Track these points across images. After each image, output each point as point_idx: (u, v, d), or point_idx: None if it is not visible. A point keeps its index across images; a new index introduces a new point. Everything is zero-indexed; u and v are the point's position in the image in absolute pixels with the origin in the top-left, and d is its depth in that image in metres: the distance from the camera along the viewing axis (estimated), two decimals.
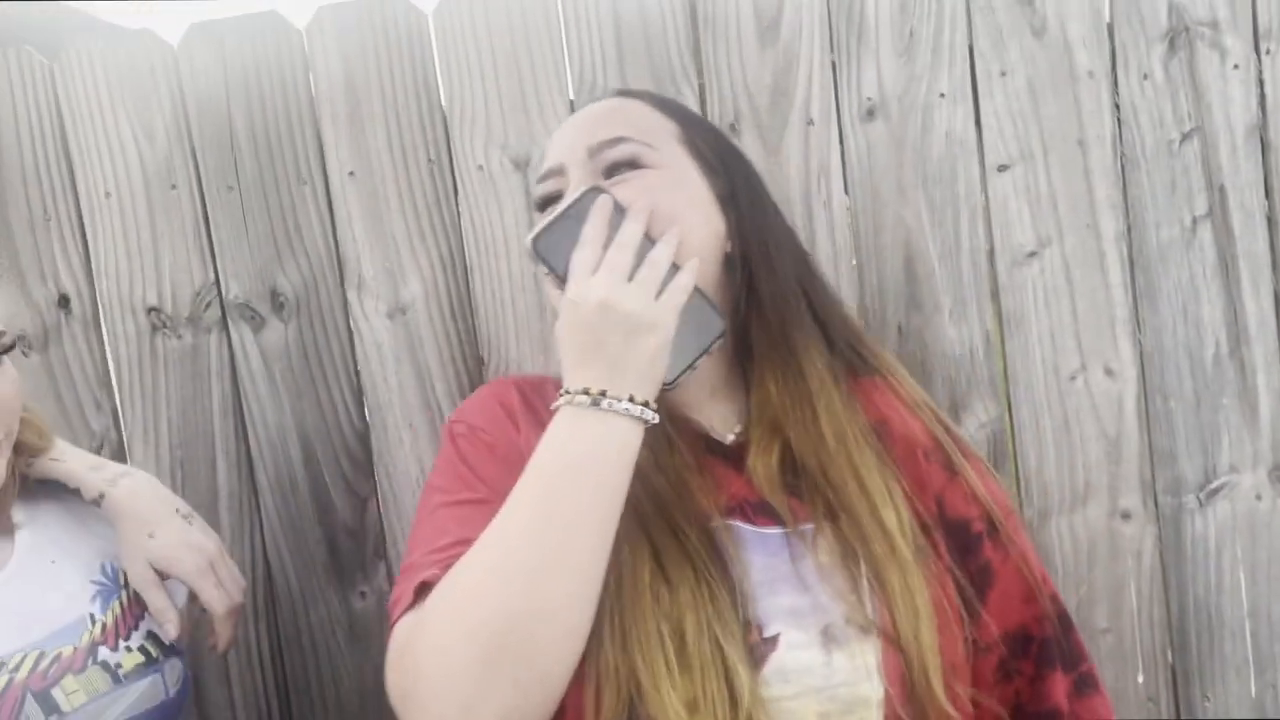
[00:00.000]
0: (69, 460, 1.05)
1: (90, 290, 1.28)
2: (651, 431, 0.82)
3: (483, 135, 1.24)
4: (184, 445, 1.29)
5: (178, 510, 1.04)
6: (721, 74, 1.22)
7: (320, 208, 1.26)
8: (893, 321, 1.24)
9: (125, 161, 1.26)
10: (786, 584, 0.81)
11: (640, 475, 0.82)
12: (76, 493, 1.03)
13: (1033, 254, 1.22)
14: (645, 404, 0.78)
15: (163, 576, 1.00)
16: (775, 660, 0.77)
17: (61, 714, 0.88)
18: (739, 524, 0.84)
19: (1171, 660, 1.25)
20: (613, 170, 0.88)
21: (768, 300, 0.89)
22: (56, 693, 0.88)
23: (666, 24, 1.22)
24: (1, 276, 1.27)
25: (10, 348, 0.94)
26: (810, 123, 1.22)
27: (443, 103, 1.24)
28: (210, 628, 1.05)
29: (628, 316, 0.76)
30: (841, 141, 1.22)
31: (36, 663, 0.89)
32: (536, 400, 0.94)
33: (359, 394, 1.28)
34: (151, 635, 0.99)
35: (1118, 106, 1.21)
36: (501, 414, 0.93)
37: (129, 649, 0.95)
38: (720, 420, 0.92)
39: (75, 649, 0.92)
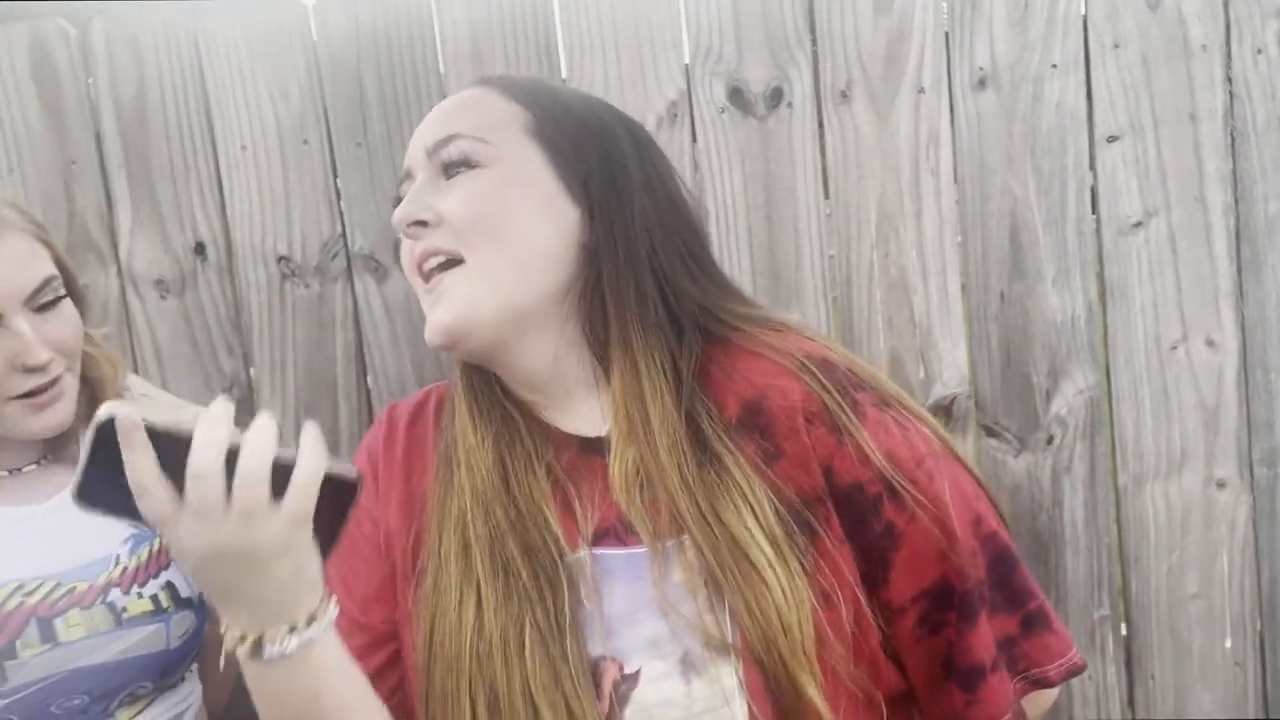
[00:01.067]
0: (156, 399, 1.12)
1: (225, 239, 1.35)
2: (509, 450, 0.81)
3: (599, 97, 1.28)
4: (308, 389, 1.36)
5: None
6: (835, 41, 1.25)
7: None
8: (995, 288, 1.26)
9: (261, 118, 1.32)
10: (648, 611, 0.77)
11: (483, 508, 0.80)
12: None
13: (1139, 224, 1.24)
14: (312, 618, 0.67)
15: None
16: (637, 698, 0.74)
17: (57, 643, 0.92)
18: (607, 551, 0.80)
19: (1260, 627, 1.27)
20: (448, 170, 0.83)
21: (610, 291, 0.82)
22: (59, 623, 0.93)
23: None
24: (143, 224, 1.35)
25: (62, 297, 0.98)
26: (921, 91, 1.24)
27: (563, 69, 1.29)
28: None
29: (241, 558, 0.63)
30: (951, 110, 1.25)
31: (50, 592, 0.94)
32: (404, 433, 0.91)
33: None
34: (169, 586, 1.02)
35: (1230, 80, 1.22)
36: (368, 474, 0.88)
37: (139, 595, 0.98)
38: (588, 418, 0.85)
39: (90, 586, 0.96)
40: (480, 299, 0.80)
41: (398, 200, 0.87)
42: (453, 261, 0.81)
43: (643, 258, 0.83)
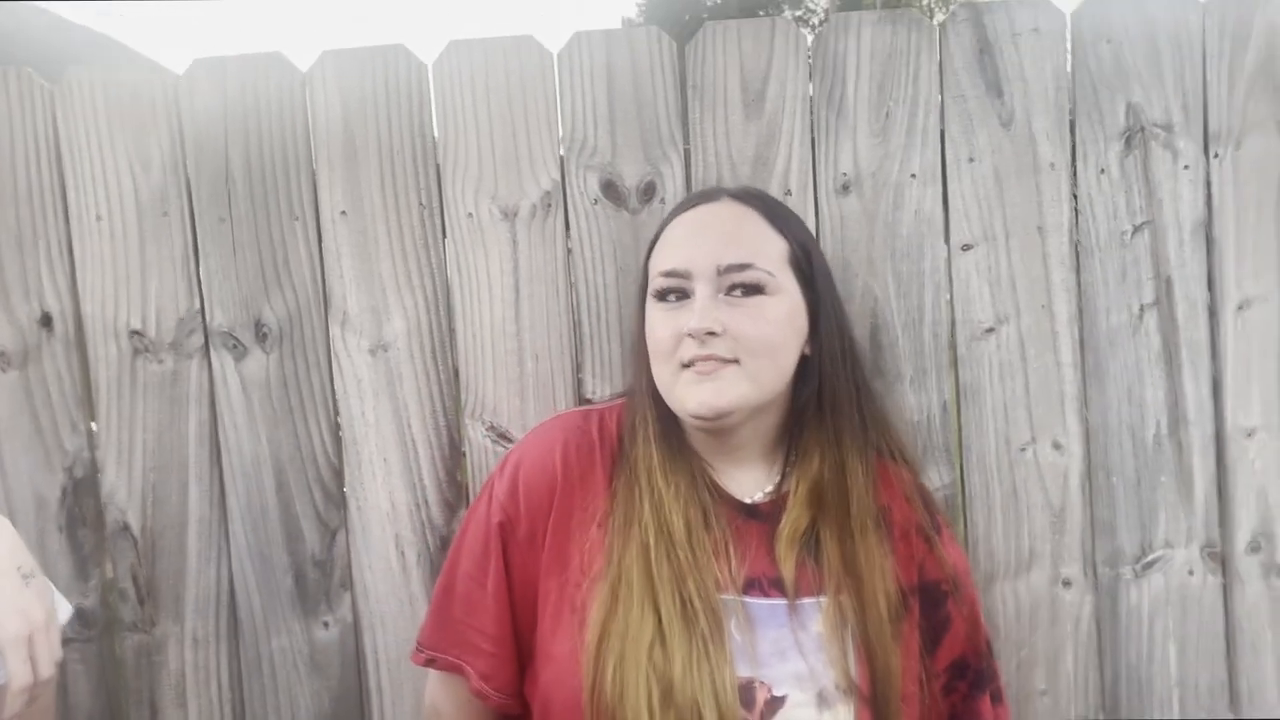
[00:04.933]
0: None
1: (74, 310, 1.29)
2: (690, 502, 1.01)
3: (474, 184, 1.28)
4: (157, 469, 1.30)
5: (19, 568, 0.98)
6: (707, 141, 1.28)
7: (310, 244, 1.29)
8: None
9: (119, 187, 1.28)
10: (792, 651, 0.98)
11: (668, 544, 0.99)
12: None
13: (990, 330, 1.29)
14: None
15: None
16: (782, 715, 0.95)
17: None
18: (754, 600, 1.00)
19: None
20: (734, 288, 1.01)
21: (828, 397, 1.05)
22: None
23: (657, 90, 1.27)
24: None
25: None
26: (788, 193, 1.28)
27: (437, 150, 1.28)
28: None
29: None
30: (817, 213, 1.28)
31: None
32: (575, 460, 1.08)
33: (335, 427, 1.30)
34: None
35: (1076, 197, 1.28)
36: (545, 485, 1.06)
37: None
38: (749, 484, 1.07)
39: None
40: (748, 394, 0.99)
41: (662, 289, 1.03)
42: (728, 361, 0.99)
43: (849, 370, 1.06)
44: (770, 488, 1.07)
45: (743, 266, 1.00)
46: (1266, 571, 1.29)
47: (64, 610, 1.03)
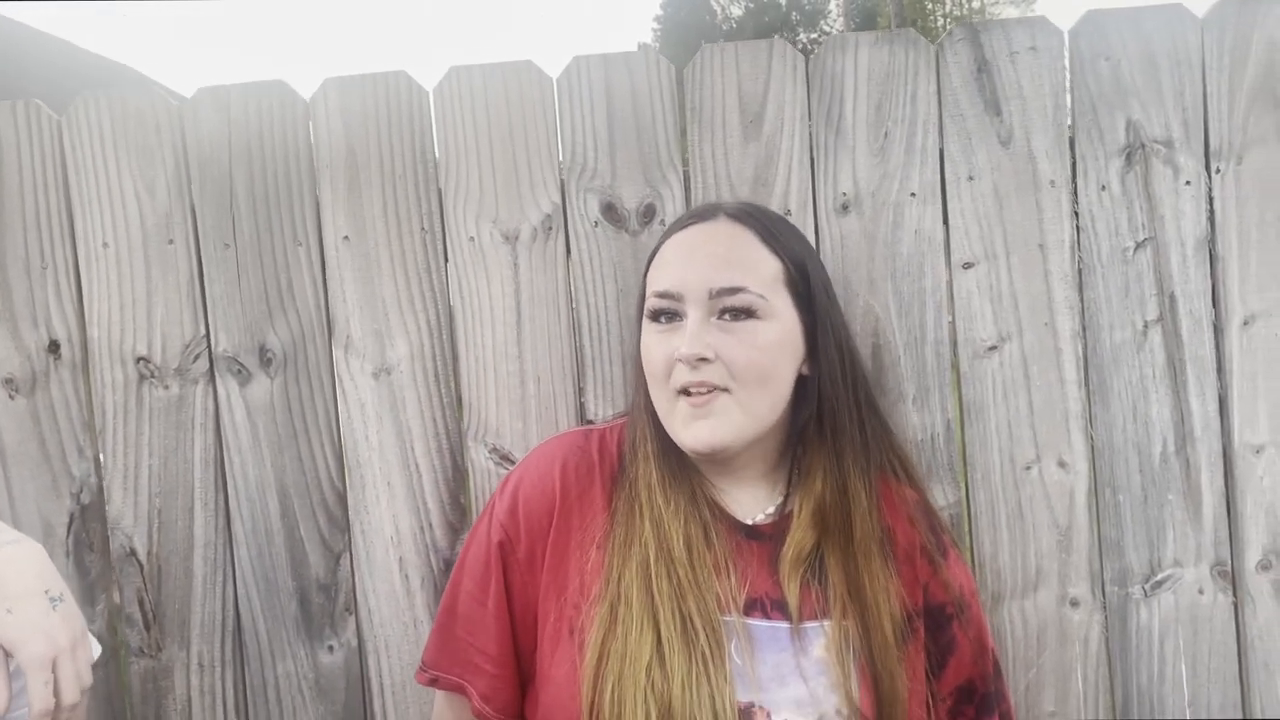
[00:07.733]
0: None
1: (81, 337, 1.31)
2: (691, 519, 1.00)
3: (475, 208, 1.29)
4: (163, 494, 1.31)
5: (47, 591, 0.97)
6: (706, 162, 1.29)
7: (314, 269, 1.30)
8: None
9: (125, 214, 1.30)
10: (793, 676, 0.97)
11: (668, 562, 0.98)
12: None
13: (993, 348, 1.28)
14: None
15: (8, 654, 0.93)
16: None
17: None
18: (755, 621, 0.99)
19: None
20: (727, 312, 0.99)
21: (829, 418, 1.03)
22: None
23: (656, 112, 1.28)
24: None
25: None
26: (788, 213, 1.28)
27: (438, 175, 1.29)
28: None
29: None
30: (816, 233, 1.28)
31: None
32: (574, 481, 1.08)
33: (339, 451, 1.31)
34: None
35: (1077, 214, 1.28)
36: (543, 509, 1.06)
37: None
38: (750, 504, 1.06)
39: None
40: (743, 426, 0.99)
41: (655, 310, 1.02)
42: (720, 388, 0.98)
43: (852, 390, 1.04)
44: (772, 509, 1.06)
45: (734, 290, 0.98)
46: (1278, 590, 1.28)
47: (94, 649, 1.03)
